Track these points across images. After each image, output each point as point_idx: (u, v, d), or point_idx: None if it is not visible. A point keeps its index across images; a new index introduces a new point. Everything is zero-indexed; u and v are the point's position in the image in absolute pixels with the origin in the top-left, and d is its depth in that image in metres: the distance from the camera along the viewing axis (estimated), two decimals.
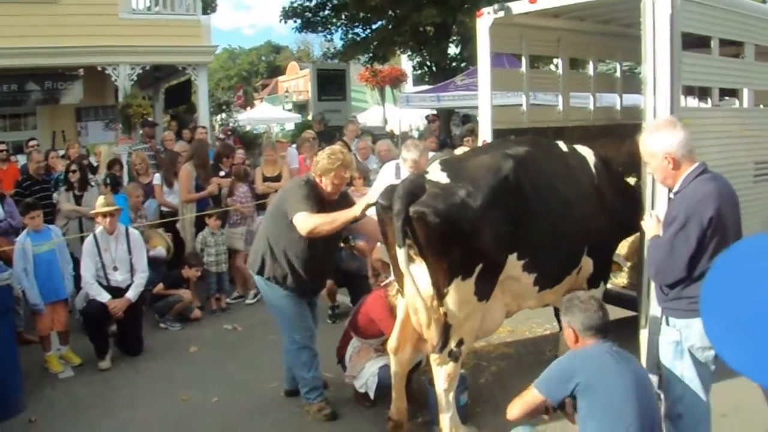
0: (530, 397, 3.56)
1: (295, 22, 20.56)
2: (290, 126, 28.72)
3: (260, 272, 5.16)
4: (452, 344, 4.39)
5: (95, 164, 10.79)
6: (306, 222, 4.71)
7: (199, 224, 8.66)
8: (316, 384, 5.29)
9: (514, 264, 4.60)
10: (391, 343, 4.80)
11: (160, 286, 7.90)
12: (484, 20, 6.56)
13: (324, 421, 5.15)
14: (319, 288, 5.52)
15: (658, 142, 3.61)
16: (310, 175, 5.04)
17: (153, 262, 7.89)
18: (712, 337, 0.76)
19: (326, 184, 4.95)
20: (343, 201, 5.13)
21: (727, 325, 0.75)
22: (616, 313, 6.32)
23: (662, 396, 3.90)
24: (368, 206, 4.66)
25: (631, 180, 6.30)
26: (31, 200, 7.00)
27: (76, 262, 6.93)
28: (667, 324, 3.76)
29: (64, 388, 6.13)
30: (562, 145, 5.42)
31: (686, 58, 4.89)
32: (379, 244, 5.70)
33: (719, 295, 0.78)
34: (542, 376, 3.57)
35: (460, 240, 4.21)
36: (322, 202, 4.92)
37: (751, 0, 6.23)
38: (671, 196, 3.67)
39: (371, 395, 5.23)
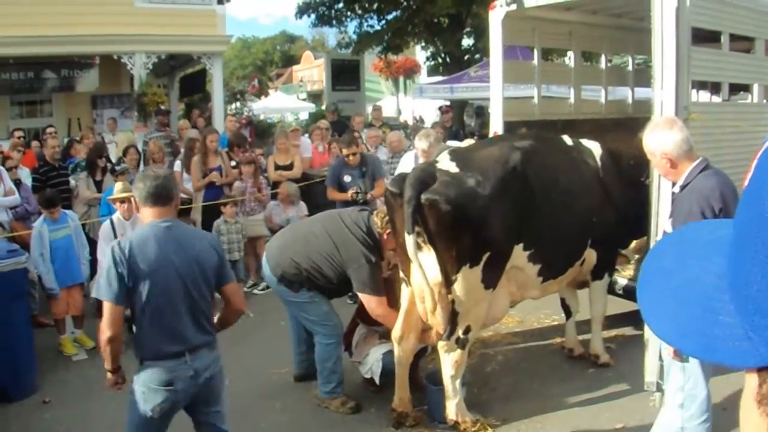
0: (107, 311, 3.31)
1: (309, 16, 20.59)
2: (304, 115, 28.76)
3: (290, 287, 5.11)
4: (459, 331, 4.46)
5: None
6: (382, 312, 4.88)
7: (213, 212, 8.70)
8: (343, 377, 5.27)
9: (519, 254, 4.66)
10: (396, 333, 4.82)
11: None
12: (497, 12, 6.58)
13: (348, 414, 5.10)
14: None
15: (655, 142, 3.64)
16: (375, 228, 4.94)
17: None
18: (641, 307, 0.83)
19: (389, 241, 4.90)
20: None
21: (656, 297, 0.81)
22: (624, 306, 6.39)
23: (664, 386, 3.94)
24: None
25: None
26: (51, 194, 7.01)
27: (95, 246, 6.99)
28: None
29: (78, 371, 6.24)
30: (567, 139, 5.46)
31: (695, 53, 4.88)
32: None
33: (654, 270, 0.84)
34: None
35: (469, 228, 4.28)
36: (379, 254, 4.96)
37: None
38: (675, 190, 3.70)
39: (376, 380, 5.27)
